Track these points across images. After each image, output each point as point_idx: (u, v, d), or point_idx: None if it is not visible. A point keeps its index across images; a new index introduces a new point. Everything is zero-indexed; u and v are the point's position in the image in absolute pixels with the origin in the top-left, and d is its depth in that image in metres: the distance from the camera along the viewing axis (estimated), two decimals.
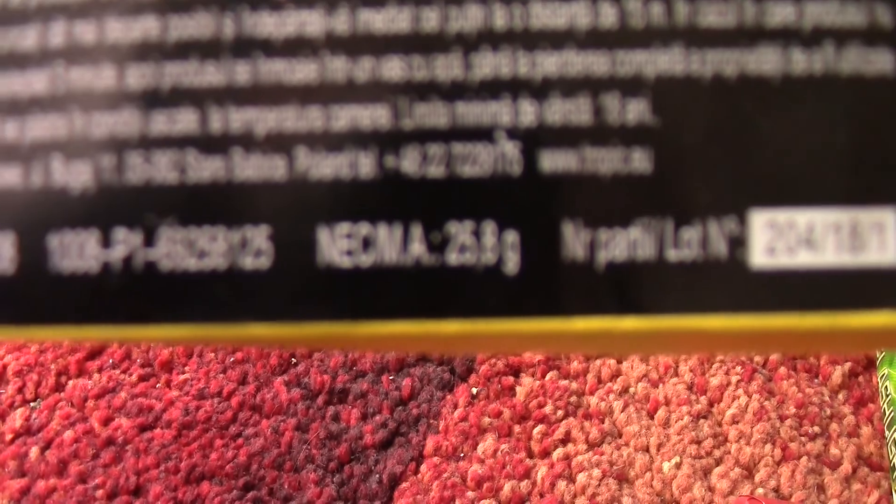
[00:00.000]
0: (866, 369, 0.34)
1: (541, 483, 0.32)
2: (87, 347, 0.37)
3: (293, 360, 0.36)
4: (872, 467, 0.32)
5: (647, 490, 0.32)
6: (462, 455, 0.33)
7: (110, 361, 0.37)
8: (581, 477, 0.32)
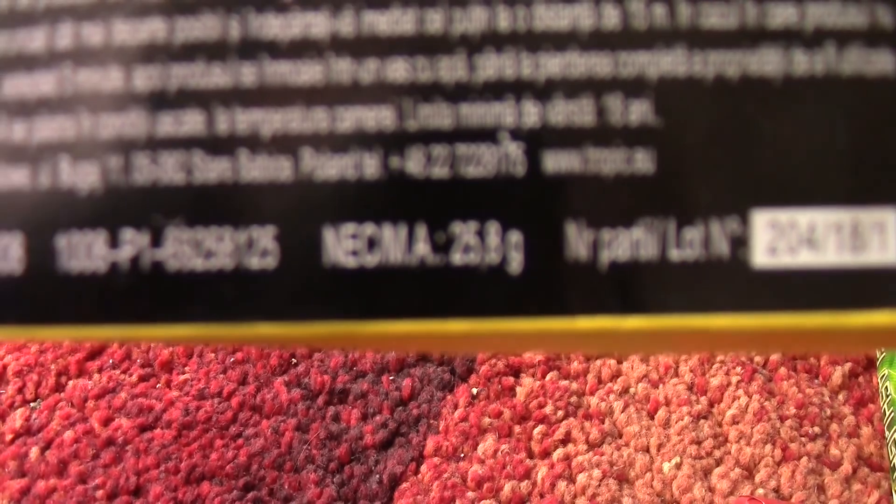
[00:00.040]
0: (866, 370, 0.34)
1: (541, 483, 0.32)
2: (87, 348, 0.37)
3: (293, 361, 0.36)
4: (872, 468, 0.32)
5: (648, 490, 0.32)
6: (462, 455, 0.33)
7: (110, 362, 0.37)
8: (581, 477, 0.32)
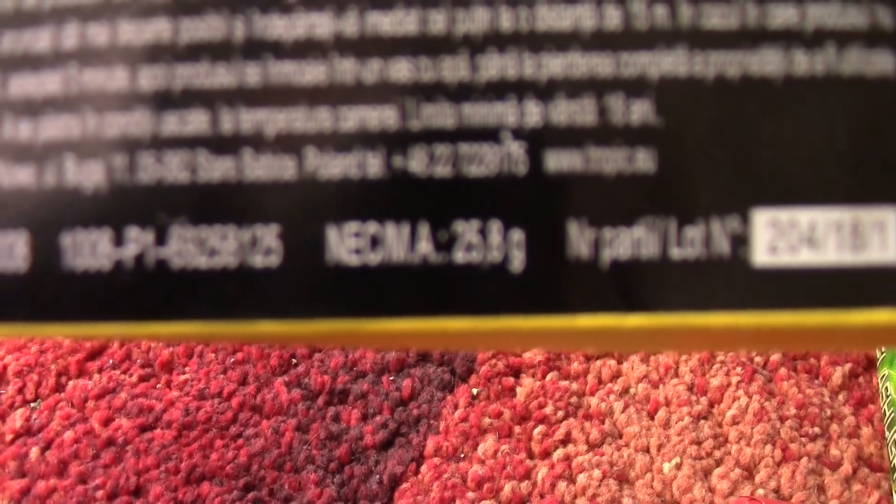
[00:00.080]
0: (866, 370, 0.34)
1: (541, 484, 0.32)
2: (87, 348, 0.37)
3: (293, 361, 0.36)
4: (873, 468, 0.32)
5: (648, 491, 0.32)
6: (462, 456, 0.33)
7: (110, 362, 0.37)
8: (581, 478, 0.32)
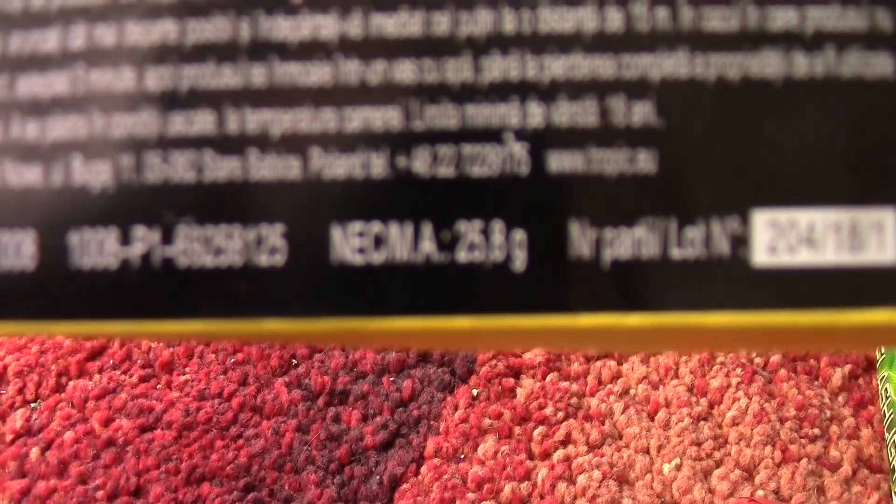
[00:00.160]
0: (866, 371, 0.35)
1: (541, 484, 0.32)
2: (88, 348, 0.37)
3: (294, 362, 0.36)
4: (872, 469, 0.32)
5: (648, 492, 0.32)
6: (462, 456, 0.33)
7: (111, 362, 0.37)
8: (581, 478, 0.32)
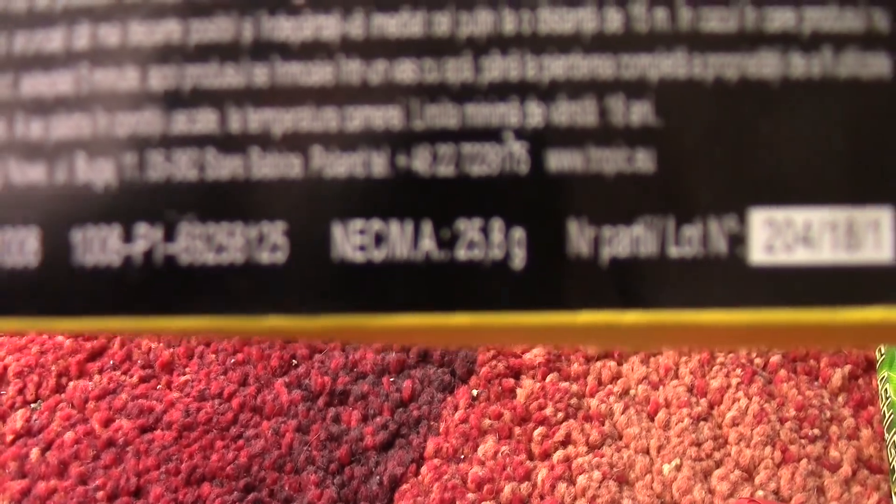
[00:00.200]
0: (866, 372, 0.35)
1: (541, 485, 0.32)
2: (88, 349, 0.37)
3: (294, 362, 0.36)
4: (872, 470, 0.32)
5: (648, 492, 0.32)
6: (462, 457, 0.33)
7: (111, 363, 0.37)
8: (581, 479, 0.32)
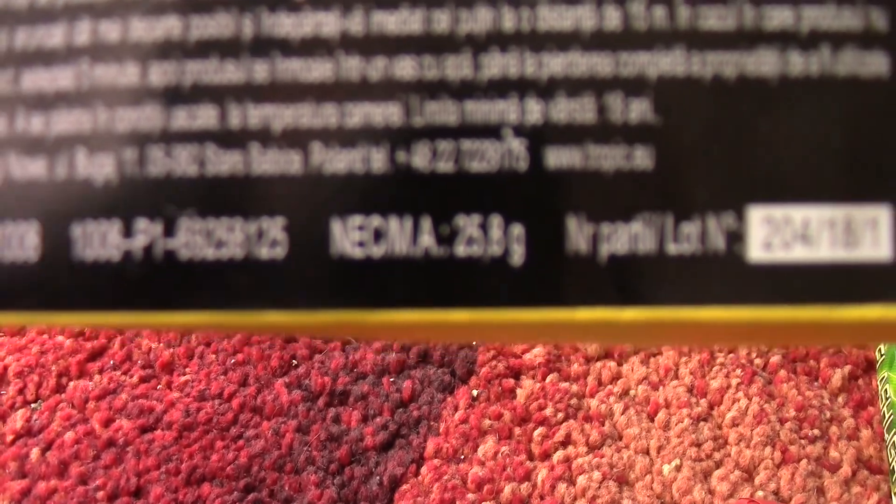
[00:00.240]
0: (866, 372, 0.35)
1: (541, 485, 0.32)
2: (88, 349, 0.37)
3: (294, 362, 0.36)
4: (872, 470, 0.32)
5: (648, 493, 0.32)
6: (462, 457, 0.33)
7: (111, 363, 0.37)
8: (581, 479, 0.32)
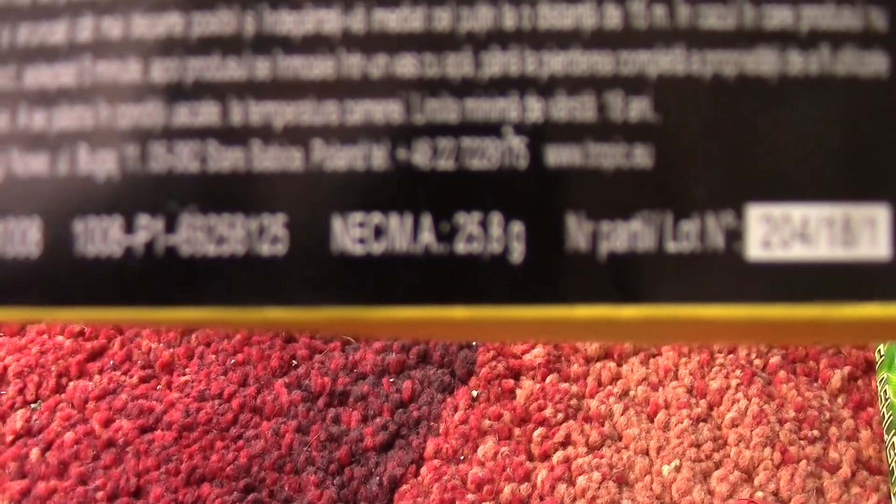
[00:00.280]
0: (865, 373, 0.35)
1: (541, 486, 0.32)
2: (88, 349, 0.37)
3: (294, 363, 0.36)
4: (871, 471, 0.32)
5: (647, 493, 0.32)
6: (462, 458, 0.33)
7: (111, 363, 0.37)
8: (581, 480, 0.32)
